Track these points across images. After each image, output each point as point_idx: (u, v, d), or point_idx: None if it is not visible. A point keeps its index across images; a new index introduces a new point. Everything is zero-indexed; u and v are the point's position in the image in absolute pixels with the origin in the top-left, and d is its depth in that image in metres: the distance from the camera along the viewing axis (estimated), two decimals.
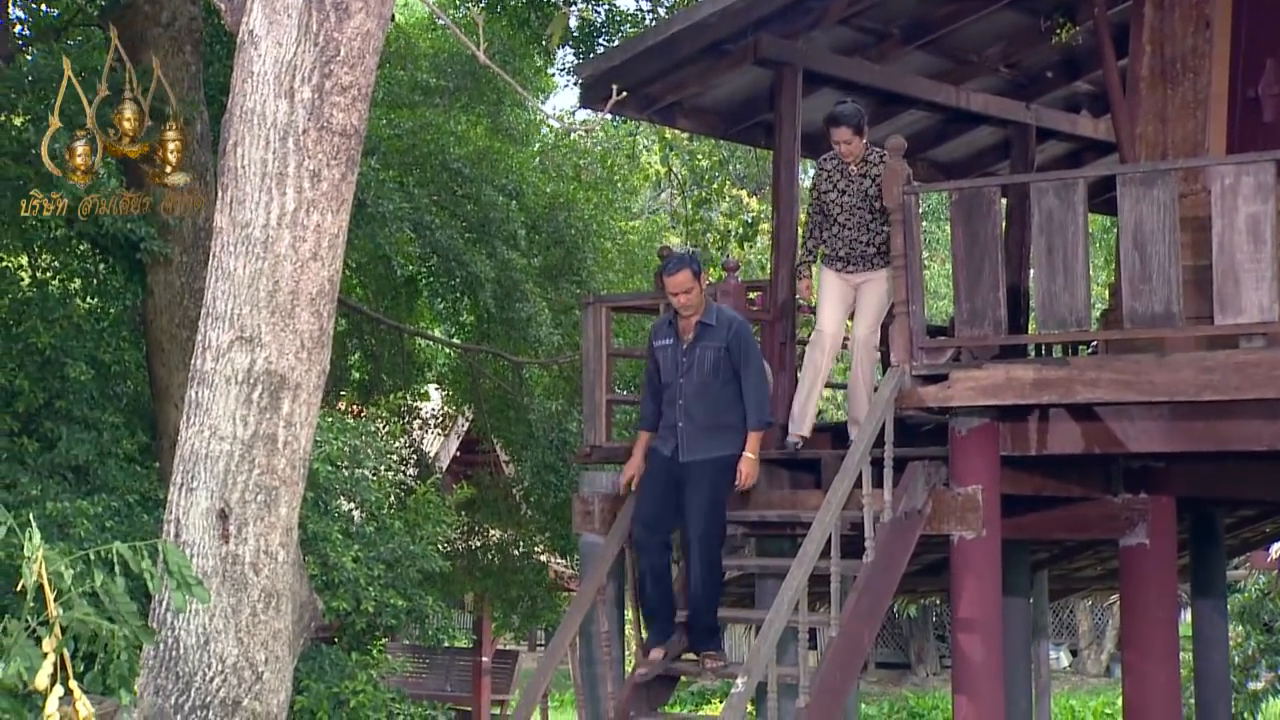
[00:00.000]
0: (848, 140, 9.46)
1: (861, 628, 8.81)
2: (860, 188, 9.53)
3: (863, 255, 9.56)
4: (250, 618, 5.67)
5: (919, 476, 9.12)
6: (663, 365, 8.87)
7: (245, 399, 5.78)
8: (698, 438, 8.73)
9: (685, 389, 8.77)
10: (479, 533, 18.66)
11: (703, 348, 8.79)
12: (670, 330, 8.91)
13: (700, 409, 8.75)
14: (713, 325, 8.81)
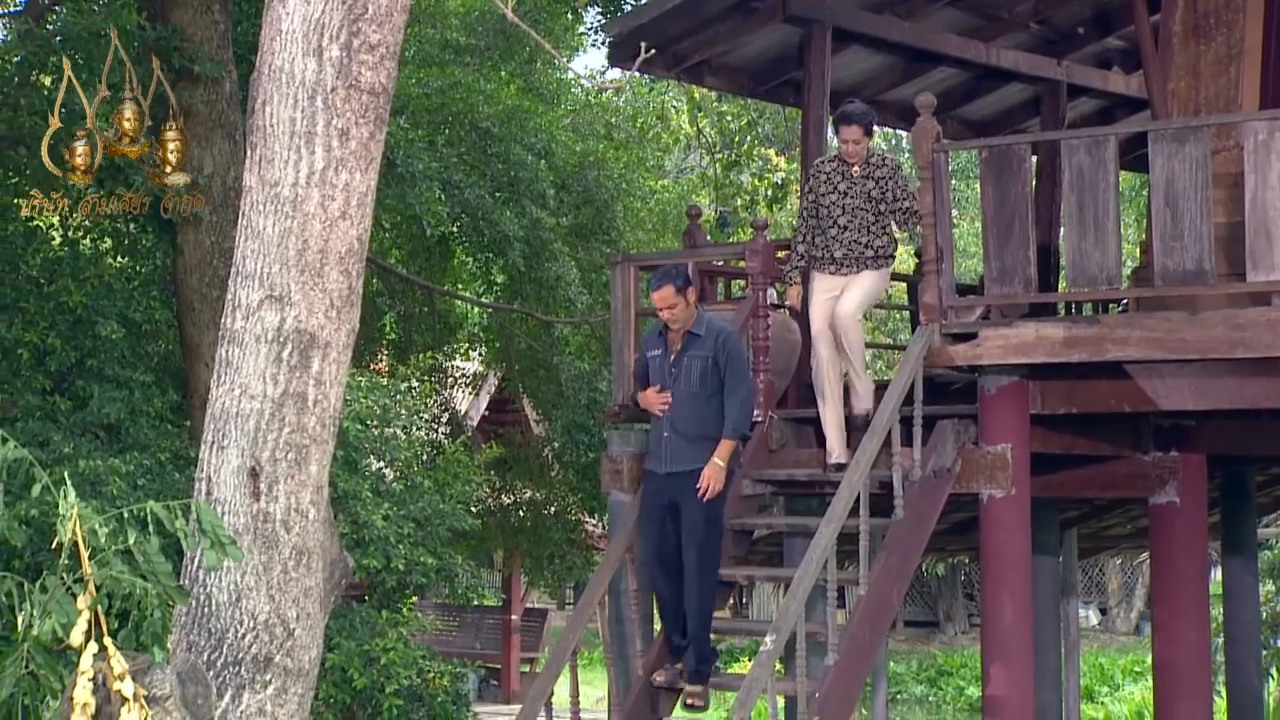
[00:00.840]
0: (856, 140, 9.20)
1: (890, 586, 8.81)
2: (863, 189, 9.26)
3: (859, 258, 9.28)
4: (281, 575, 5.69)
5: (948, 435, 9.10)
6: (652, 375, 8.74)
7: (275, 357, 5.78)
8: (684, 448, 8.56)
9: (672, 400, 8.62)
10: (509, 491, 18.72)
11: (690, 358, 8.64)
12: (660, 340, 8.77)
13: (686, 419, 8.58)
14: (701, 335, 8.66)
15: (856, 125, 9.19)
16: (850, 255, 9.28)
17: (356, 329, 6.03)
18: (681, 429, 8.57)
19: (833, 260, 9.32)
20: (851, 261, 9.29)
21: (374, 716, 11.06)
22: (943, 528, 10.47)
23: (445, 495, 12.59)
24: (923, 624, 31.90)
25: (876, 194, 9.25)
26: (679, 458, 8.56)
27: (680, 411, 8.59)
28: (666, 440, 8.61)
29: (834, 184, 9.34)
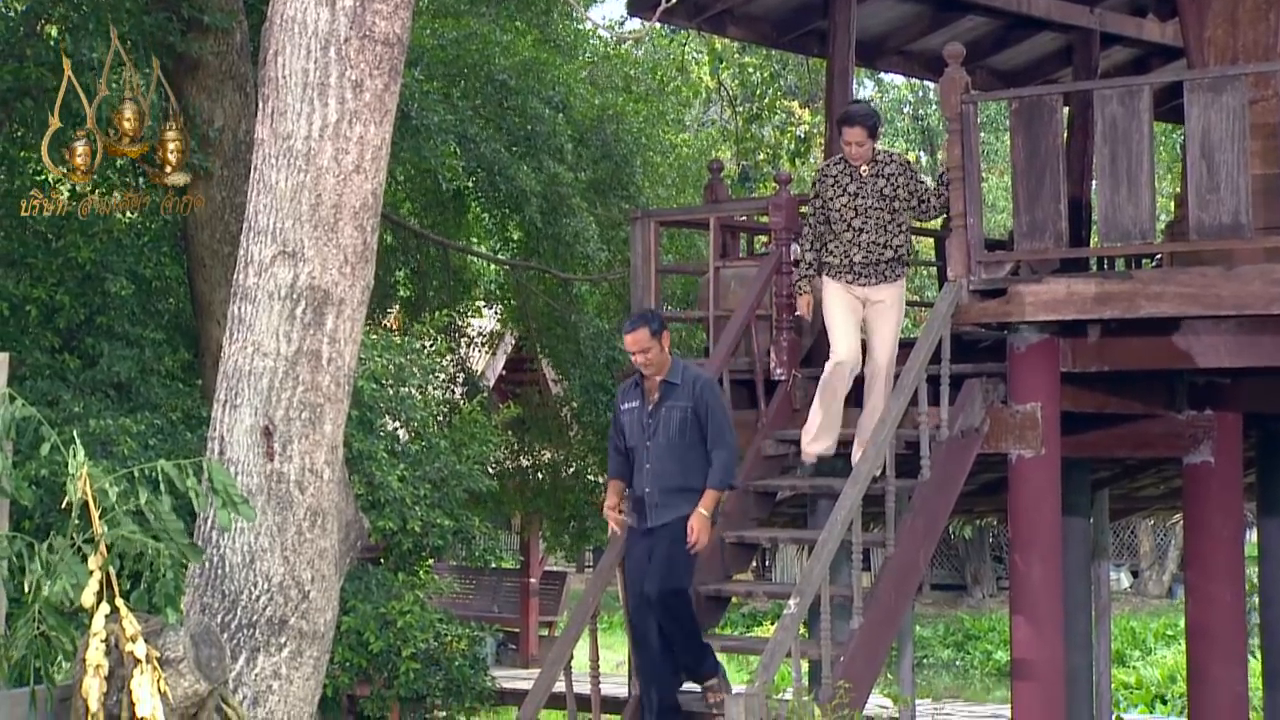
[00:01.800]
0: (860, 141, 8.89)
1: (917, 548, 8.82)
2: (875, 188, 8.98)
3: (878, 263, 8.97)
4: (296, 536, 5.71)
5: (976, 394, 9.09)
6: (628, 429, 8.43)
7: (288, 315, 5.79)
8: (664, 503, 8.31)
9: (652, 453, 8.33)
10: (527, 452, 18.74)
11: (668, 408, 8.35)
12: (636, 392, 8.47)
13: (667, 473, 8.31)
14: (678, 384, 8.37)
15: (860, 126, 8.90)
16: (869, 260, 8.98)
17: (371, 285, 6.04)
18: (663, 483, 8.31)
19: (851, 267, 9.01)
20: (870, 268, 8.98)
21: (390, 680, 11.13)
22: (970, 489, 10.47)
23: (462, 456, 12.62)
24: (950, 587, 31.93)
25: (889, 191, 8.97)
26: (662, 511, 8.31)
27: (661, 465, 8.31)
28: (648, 496, 8.34)
29: (843, 186, 9.04)
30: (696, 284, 13.54)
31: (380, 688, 11.32)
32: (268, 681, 5.58)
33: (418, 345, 13.80)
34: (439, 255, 17.42)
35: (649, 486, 8.33)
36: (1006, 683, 19.77)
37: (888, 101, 36.57)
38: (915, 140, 36.01)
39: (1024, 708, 9.11)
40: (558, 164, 15.18)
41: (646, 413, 8.37)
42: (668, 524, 8.29)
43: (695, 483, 8.28)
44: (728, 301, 10.24)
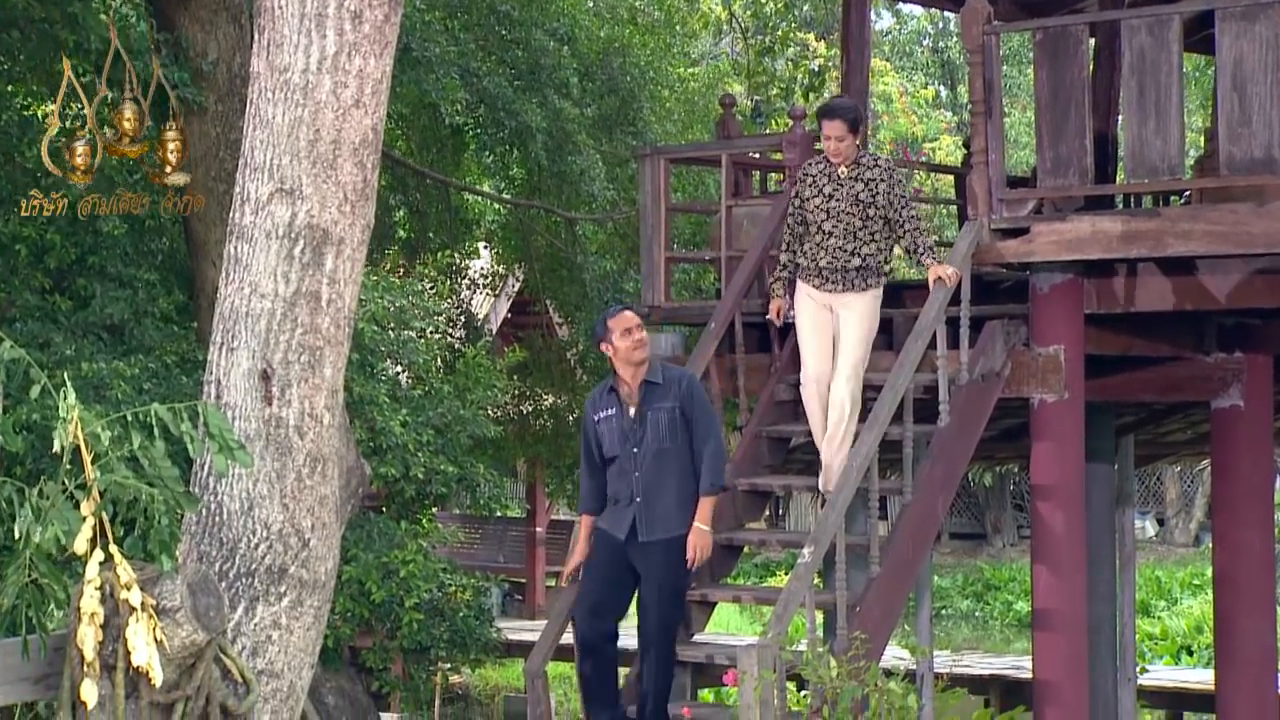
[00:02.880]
0: (840, 136, 8.74)
1: (935, 496, 8.84)
2: (850, 191, 8.84)
3: (844, 269, 8.83)
4: (295, 483, 5.73)
5: (997, 336, 9.10)
6: (607, 439, 8.20)
7: (286, 254, 5.79)
8: (658, 514, 8.11)
9: (640, 460, 8.12)
10: (531, 398, 18.76)
11: (654, 411, 8.14)
12: (612, 398, 8.24)
13: (659, 481, 8.11)
14: (660, 384, 8.19)
15: (840, 120, 8.75)
16: (835, 265, 8.83)
17: (372, 224, 6.03)
18: (653, 492, 8.10)
19: (818, 271, 8.90)
20: (836, 273, 8.84)
21: (393, 631, 11.18)
22: (991, 434, 10.49)
23: (465, 401, 12.63)
24: (969, 536, 32.03)
25: (865, 197, 8.81)
26: (653, 525, 8.12)
27: (651, 472, 8.11)
28: (639, 506, 8.11)
29: (819, 186, 8.91)
30: (707, 224, 13.52)
31: (382, 639, 11.37)
32: (267, 631, 5.60)
33: (418, 287, 13.78)
34: (439, 194, 17.38)
35: (639, 496, 8.11)
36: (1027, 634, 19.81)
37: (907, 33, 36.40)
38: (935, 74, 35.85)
39: (1045, 659, 9.15)
40: (562, 99, 15.13)
41: (629, 419, 8.15)
42: (664, 543, 8.10)
43: (689, 490, 8.12)
44: (740, 242, 10.23)
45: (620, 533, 8.18)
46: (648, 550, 8.13)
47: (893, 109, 32.15)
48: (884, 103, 31.46)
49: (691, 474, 8.16)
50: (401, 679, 12.10)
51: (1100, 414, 11.21)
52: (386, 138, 16.10)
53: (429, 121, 16.13)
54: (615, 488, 8.22)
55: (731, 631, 22.14)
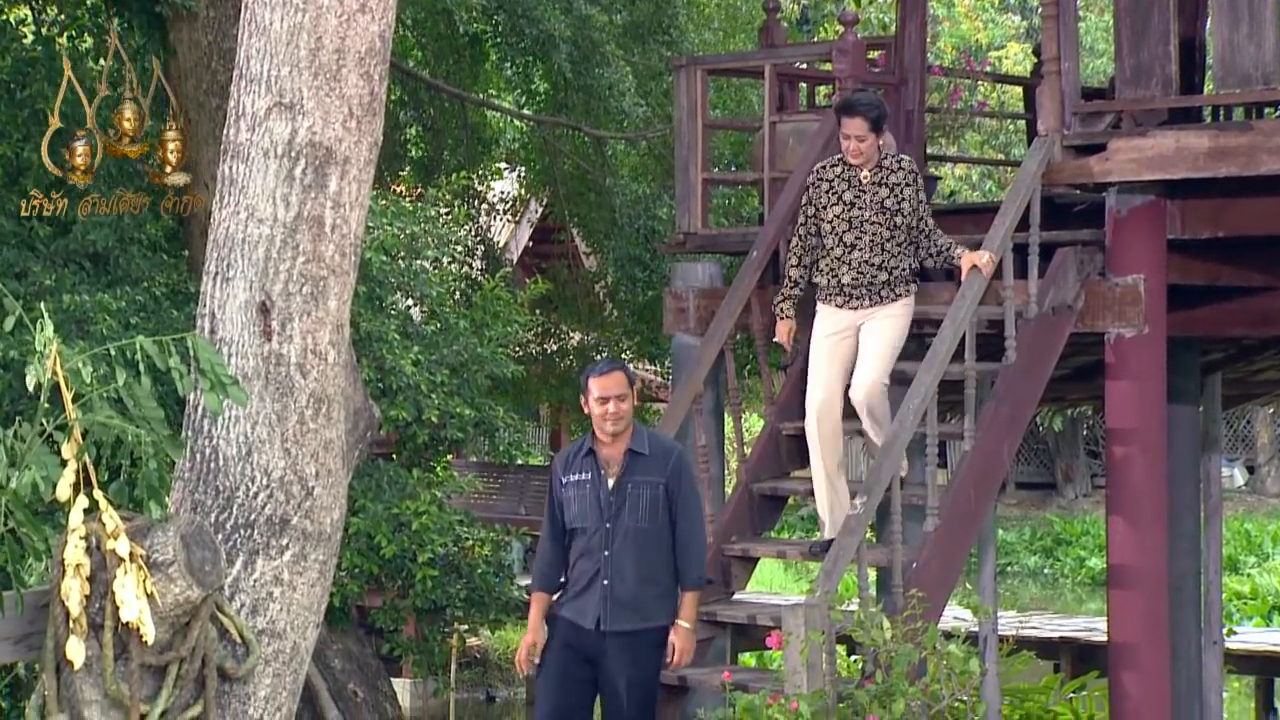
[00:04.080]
0: (861, 135, 8.56)
1: (1000, 441, 8.84)
2: (876, 198, 8.65)
3: (870, 285, 8.65)
4: (298, 426, 5.75)
5: (1070, 265, 9.07)
6: (576, 508, 7.73)
7: (286, 175, 5.79)
8: (628, 602, 7.68)
9: (614, 538, 7.68)
10: (556, 334, 18.79)
11: (636, 484, 7.71)
12: (589, 462, 7.76)
13: (634, 564, 7.69)
14: (645, 455, 7.74)
15: (860, 118, 8.57)
16: (860, 282, 8.64)
17: (379, 143, 6.03)
18: (626, 576, 7.68)
19: (840, 289, 8.70)
20: (862, 290, 8.66)
21: (405, 589, 11.25)
22: (1062, 373, 10.45)
23: (483, 338, 12.65)
24: (1038, 485, 32.05)
25: (892, 204, 8.64)
26: (621, 614, 7.67)
27: (625, 554, 7.68)
28: (607, 590, 7.66)
29: (838, 193, 8.72)
30: (749, 142, 13.48)
31: (393, 598, 11.45)
32: (268, 588, 5.64)
33: (432, 212, 13.79)
34: (454, 110, 17.37)
35: (608, 579, 7.67)
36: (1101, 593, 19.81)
37: None
38: None
39: (1122, 621, 9.16)
40: (589, 4, 15.08)
41: (606, 489, 7.71)
42: (634, 635, 7.70)
43: (664, 578, 7.75)
44: (785, 161, 10.19)
45: (585, 620, 7.70)
46: (615, 643, 7.67)
47: (954, 13, 31.95)
48: (945, 6, 31.27)
49: (669, 562, 7.77)
50: (414, 641, 12.20)
51: (1184, 350, 11.16)
52: (397, 47, 16.10)
53: (443, 29, 16.10)
54: (580, 567, 7.75)
55: (775, 590, 22.22)
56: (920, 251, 8.79)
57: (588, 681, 7.76)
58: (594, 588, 7.70)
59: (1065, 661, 16.20)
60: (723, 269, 10.68)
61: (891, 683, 7.25)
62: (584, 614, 7.71)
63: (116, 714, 5.00)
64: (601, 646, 7.69)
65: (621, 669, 7.67)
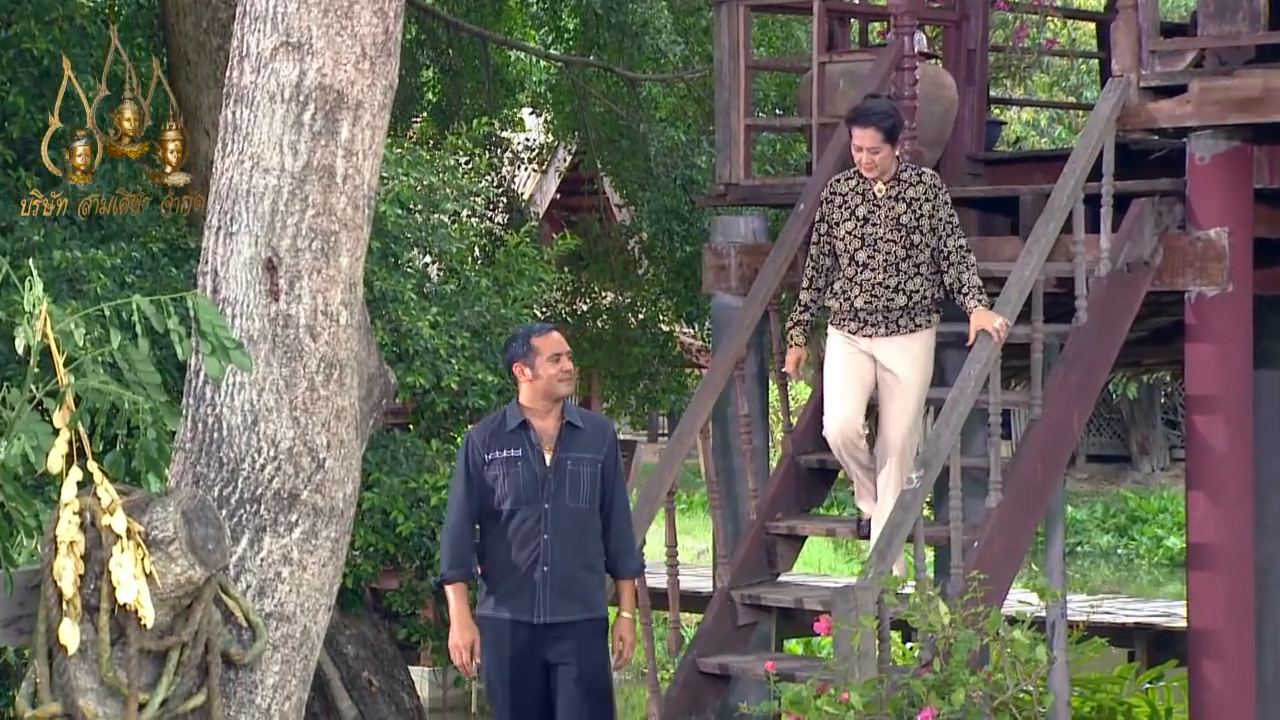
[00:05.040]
0: (874, 147, 8.44)
1: (1069, 409, 8.84)
2: (890, 213, 8.54)
3: (886, 310, 8.56)
4: (307, 393, 5.77)
5: (1146, 217, 9.05)
6: (505, 486, 7.50)
7: (294, 121, 5.81)
8: (570, 590, 7.53)
9: (551, 520, 7.50)
10: (586, 294, 18.80)
11: (575, 461, 7.55)
12: (520, 437, 7.54)
13: (574, 549, 7.54)
14: (582, 428, 7.61)
15: (873, 128, 8.46)
16: (874, 306, 8.55)
17: (395, 86, 6.04)
18: (563, 562, 7.51)
19: (853, 313, 8.62)
20: (876, 315, 8.57)
21: (423, 568, 11.28)
22: (1138, 335, 10.44)
23: (507, 298, 12.66)
24: (1111, 458, 31.98)
25: (909, 221, 8.53)
26: (562, 603, 7.51)
27: (565, 538, 7.53)
28: (543, 578, 7.49)
29: (851, 208, 8.63)
30: (796, 84, 13.44)
31: (411, 579, 11.48)
32: (276, 568, 5.67)
33: (451, 162, 13.80)
34: (475, 50, 17.35)
35: (546, 565, 7.50)
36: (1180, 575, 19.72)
37: None
38: None
39: (1203, 605, 9.16)
40: None
41: (543, 464, 7.52)
42: (578, 624, 7.57)
43: (598, 564, 7.63)
44: (835, 105, 10.17)
45: (522, 614, 7.51)
46: (557, 635, 7.52)
47: None
48: None
49: (601, 548, 7.66)
50: (433, 626, 12.22)
51: (1271, 310, 11.12)
52: None
53: None
54: (512, 553, 7.52)
55: (824, 571, 22.25)
56: (945, 274, 8.60)
57: (540, 684, 7.56)
58: (530, 576, 7.48)
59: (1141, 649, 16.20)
60: (767, 223, 10.67)
61: (950, 672, 7.25)
62: (520, 607, 7.51)
63: (113, 703, 5.03)
64: (543, 640, 7.51)
65: (571, 662, 7.54)
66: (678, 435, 9.31)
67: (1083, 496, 29.83)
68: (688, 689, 8.89)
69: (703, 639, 8.98)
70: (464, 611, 7.57)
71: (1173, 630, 15.60)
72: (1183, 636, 10.37)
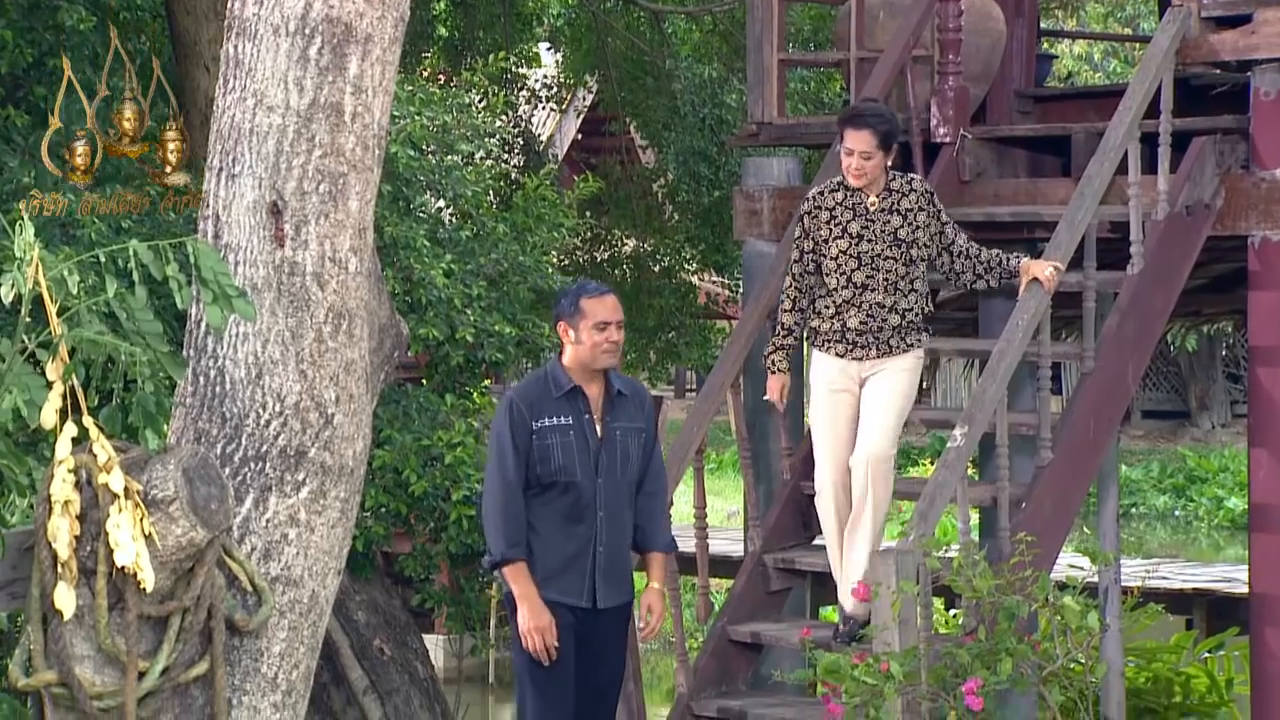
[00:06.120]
0: (867, 152, 8.20)
1: (1124, 362, 8.83)
2: (887, 228, 8.33)
3: (880, 331, 8.34)
4: (315, 344, 5.77)
5: (1207, 157, 9.02)
6: (561, 458, 7.37)
7: (300, 56, 5.80)
8: (616, 573, 7.48)
9: (605, 496, 7.42)
10: (608, 240, 18.81)
11: (624, 432, 7.47)
12: (567, 403, 7.41)
13: (621, 528, 7.47)
14: (627, 396, 7.52)
15: (869, 131, 8.22)
16: (869, 327, 8.33)
17: (406, 18, 6.02)
18: (614, 542, 7.46)
19: (844, 335, 8.39)
20: (870, 338, 8.35)
21: (437, 531, 11.31)
22: (1197, 283, 10.42)
23: (525, 244, 12.67)
24: (1168, 414, 31.95)
25: (906, 234, 8.32)
26: (611, 587, 7.47)
27: (614, 515, 7.45)
28: (600, 559, 7.43)
29: (841, 223, 8.37)
30: (832, 16, 13.40)
31: (424, 542, 11.51)
32: (282, 529, 5.68)
33: (465, 100, 13.79)
34: None
35: (600, 545, 7.43)
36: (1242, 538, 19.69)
37: None
38: None
39: (1265, 569, 9.16)
40: None
41: (595, 435, 7.43)
42: (620, 611, 7.57)
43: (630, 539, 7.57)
44: (875, 39, 10.15)
45: (573, 597, 7.41)
46: (605, 620, 7.49)
47: None
48: None
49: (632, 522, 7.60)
50: (448, 592, 12.28)
51: None
52: None
53: None
54: (563, 532, 7.43)
55: None
56: (966, 276, 8.48)
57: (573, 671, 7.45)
58: (583, 556, 7.41)
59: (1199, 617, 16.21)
60: (801, 164, 10.67)
61: (997, 640, 7.27)
62: (570, 589, 7.40)
63: (111, 671, 5.06)
64: (586, 626, 7.41)
65: (616, 650, 7.55)
66: (706, 391, 9.33)
67: (1138, 455, 29.81)
68: (717, 658, 8.91)
69: (733, 606, 9.00)
70: (534, 591, 7.31)
71: (1233, 596, 15.60)
72: (1244, 603, 10.37)
